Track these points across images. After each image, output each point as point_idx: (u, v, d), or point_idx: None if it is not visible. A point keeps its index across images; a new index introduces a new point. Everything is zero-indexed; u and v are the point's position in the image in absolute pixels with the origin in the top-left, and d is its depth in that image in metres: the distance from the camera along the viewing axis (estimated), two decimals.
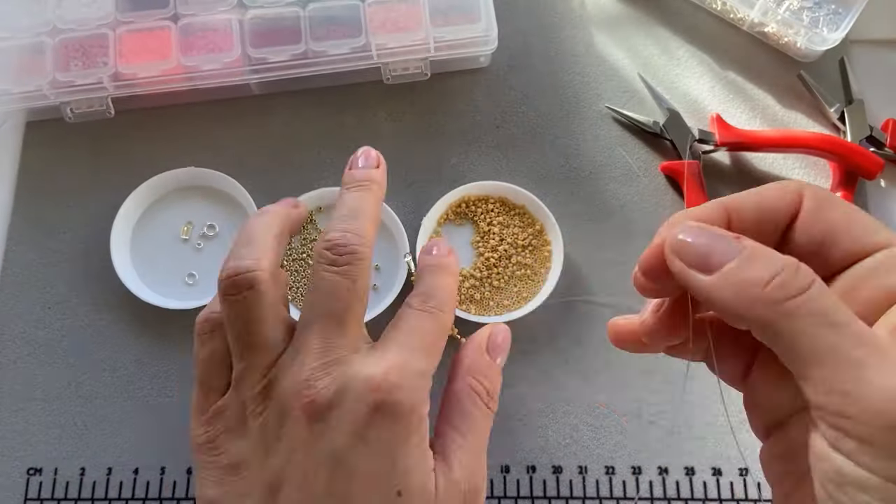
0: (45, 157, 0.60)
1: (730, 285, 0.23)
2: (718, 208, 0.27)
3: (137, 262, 0.57)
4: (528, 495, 0.50)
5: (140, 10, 0.59)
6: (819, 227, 0.26)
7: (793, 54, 0.61)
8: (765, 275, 0.23)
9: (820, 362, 0.22)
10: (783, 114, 0.60)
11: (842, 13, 0.59)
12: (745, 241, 0.24)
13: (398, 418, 0.32)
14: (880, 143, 0.58)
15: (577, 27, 0.63)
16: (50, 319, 0.55)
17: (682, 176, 0.57)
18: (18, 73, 0.57)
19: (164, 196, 0.58)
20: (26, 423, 0.53)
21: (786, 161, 0.59)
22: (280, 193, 0.56)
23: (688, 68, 0.62)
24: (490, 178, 0.57)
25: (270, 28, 0.58)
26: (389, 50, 0.57)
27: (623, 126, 0.60)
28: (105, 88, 0.57)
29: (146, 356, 0.54)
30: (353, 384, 0.32)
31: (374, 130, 0.60)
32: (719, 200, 0.27)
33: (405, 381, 0.33)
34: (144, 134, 0.60)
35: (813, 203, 0.26)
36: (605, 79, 0.61)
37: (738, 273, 0.23)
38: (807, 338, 0.22)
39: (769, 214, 0.26)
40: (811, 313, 0.22)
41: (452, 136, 0.60)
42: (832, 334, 0.22)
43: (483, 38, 0.57)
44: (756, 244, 0.24)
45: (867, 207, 0.57)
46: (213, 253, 0.57)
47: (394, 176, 0.59)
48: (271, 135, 0.60)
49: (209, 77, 0.58)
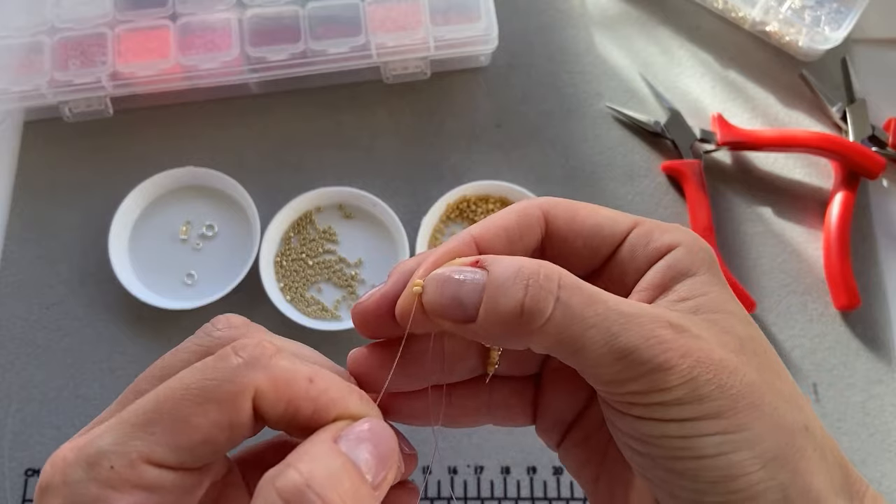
0: (43, 157, 0.60)
1: (492, 325, 0.24)
2: (469, 242, 0.26)
3: (136, 262, 0.56)
4: (528, 496, 0.50)
5: (138, 8, 0.59)
6: (572, 238, 0.27)
7: (794, 53, 0.61)
8: (514, 304, 0.23)
9: (589, 351, 0.23)
10: (785, 113, 0.60)
11: (844, 12, 0.59)
12: (485, 264, 0.24)
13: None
14: (882, 143, 0.57)
15: (577, 26, 0.63)
16: (48, 320, 0.55)
17: (684, 175, 0.57)
18: (16, 72, 0.57)
19: (163, 196, 0.58)
20: (25, 424, 0.53)
21: (787, 161, 0.59)
22: (280, 193, 0.56)
23: (689, 67, 0.62)
24: (490, 178, 0.57)
25: (269, 27, 0.58)
26: (389, 49, 0.57)
27: (624, 126, 0.60)
28: (103, 88, 0.57)
29: (145, 356, 0.54)
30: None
31: (374, 130, 0.60)
32: (468, 233, 0.26)
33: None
34: (143, 133, 0.60)
35: (560, 220, 0.27)
36: (606, 78, 0.61)
37: (492, 312, 0.24)
38: (574, 338, 0.23)
39: (519, 245, 0.27)
40: (568, 320, 0.23)
41: (452, 136, 0.60)
42: (590, 327, 0.23)
43: (483, 38, 0.57)
44: (494, 266, 0.24)
45: (869, 207, 0.57)
46: (212, 253, 0.57)
47: (394, 176, 0.59)
48: (270, 134, 0.60)
49: (208, 76, 0.57)
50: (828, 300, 0.55)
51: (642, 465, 0.25)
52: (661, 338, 0.23)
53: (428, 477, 0.51)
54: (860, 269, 0.55)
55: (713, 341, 0.24)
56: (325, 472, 0.21)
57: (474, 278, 0.24)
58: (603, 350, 0.23)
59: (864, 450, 0.51)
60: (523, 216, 0.27)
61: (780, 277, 0.56)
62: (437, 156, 0.59)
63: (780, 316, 0.55)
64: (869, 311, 0.55)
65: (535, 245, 0.27)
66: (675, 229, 0.27)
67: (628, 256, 0.27)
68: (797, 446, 0.23)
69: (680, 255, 0.26)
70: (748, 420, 0.23)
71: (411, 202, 0.57)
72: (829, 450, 0.24)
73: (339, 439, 0.23)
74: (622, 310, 0.23)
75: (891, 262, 0.56)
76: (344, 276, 0.56)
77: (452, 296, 0.24)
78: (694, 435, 0.23)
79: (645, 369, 0.22)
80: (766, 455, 0.23)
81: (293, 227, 0.57)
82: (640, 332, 0.23)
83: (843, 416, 0.52)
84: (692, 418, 0.23)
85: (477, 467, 0.51)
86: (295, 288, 0.55)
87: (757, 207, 0.58)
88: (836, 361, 0.54)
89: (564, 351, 0.24)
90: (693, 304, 0.25)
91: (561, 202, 0.28)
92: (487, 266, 0.24)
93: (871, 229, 0.57)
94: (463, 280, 0.24)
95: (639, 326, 0.23)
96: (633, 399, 0.23)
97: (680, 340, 0.23)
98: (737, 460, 0.23)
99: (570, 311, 0.23)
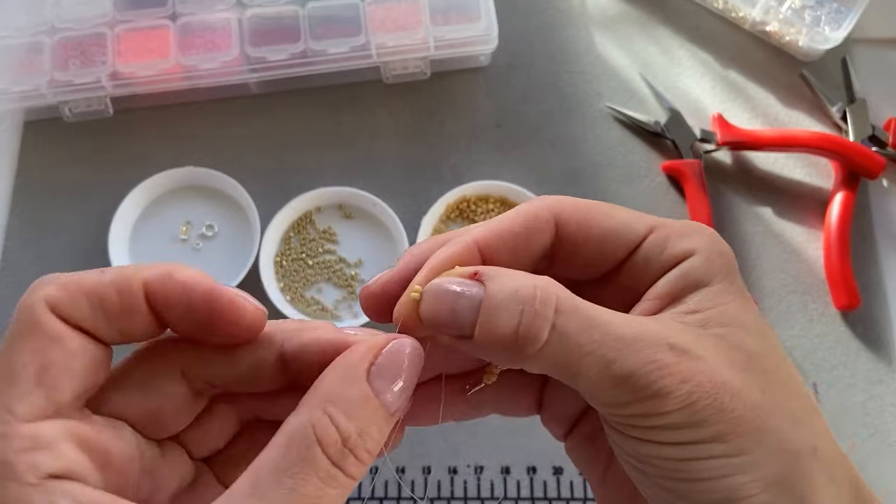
0: (43, 157, 0.60)
1: (489, 346, 0.23)
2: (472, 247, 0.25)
3: (136, 262, 0.56)
4: (528, 496, 0.50)
5: (138, 8, 0.59)
6: (585, 243, 0.26)
7: (794, 53, 0.61)
8: (510, 329, 0.23)
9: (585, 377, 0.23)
10: (785, 113, 0.60)
11: (844, 12, 0.59)
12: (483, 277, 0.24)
13: None
14: (882, 143, 0.57)
15: (577, 26, 0.63)
16: None
17: (684, 175, 0.57)
18: (16, 72, 0.57)
19: (163, 196, 0.58)
20: None
21: (787, 161, 0.59)
22: (280, 193, 0.56)
23: (689, 67, 0.62)
24: (490, 178, 0.57)
25: (269, 27, 0.58)
26: (389, 49, 0.57)
27: (624, 126, 0.60)
28: (103, 87, 0.57)
29: None
30: None
31: (374, 130, 0.60)
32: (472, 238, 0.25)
33: None
34: (143, 133, 0.60)
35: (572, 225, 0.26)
36: (606, 78, 0.61)
37: (488, 331, 0.23)
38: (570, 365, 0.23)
39: (524, 252, 0.26)
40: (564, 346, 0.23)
41: (452, 136, 0.60)
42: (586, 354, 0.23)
43: (483, 38, 0.57)
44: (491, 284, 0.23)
45: (869, 207, 0.57)
46: (212, 253, 0.57)
47: (394, 176, 0.59)
48: (270, 134, 0.60)
49: (208, 76, 0.57)
50: (828, 300, 0.55)
51: (642, 482, 0.25)
52: (659, 363, 0.22)
53: (428, 477, 0.51)
54: (860, 269, 0.55)
55: (718, 360, 0.23)
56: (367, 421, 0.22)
57: (471, 293, 0.23)
58: (599, 376, 0.23)
59: (864, 450, 0.51)
60: (531, 219, 0.26)
61: (780, 277, 0.56)
62: (437, 156, 0.59)
63: (780, 316, 0.55)
64: (869, 311, 0.55)
65: (543, 251, 0.26)
66: (695, 232, 0.26)
67: (642, 263, 0.26)
68: (803, 470, 0.23)
69: (696, 263, 0.25)
70: (750, 444, 0.22)
71: (411, 202, 0.57)
72: (839, 470, 0.24)
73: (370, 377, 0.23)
74: (620, 333, 0.23)
75: (891, 262, 0.56)
76: (344, 276, 0.56)
77: (449, 310, 0.24)
78: (693, 458, 0.22)
79: (642, 395, 0.22)
80: (769, 479, 0.22)
81: (293, 227, 0.57)
82: (638, 358, 0.22)
83: (843, 416, 0.52)
84: (690, 442, 0.22)
85: (477, 467, 0.51)
86: (295, 288, 0.55)
87: (757, 207, 0.58)
88: (837, 361, 0.54)
89: (561, 376, 0.23)
90: (702, 317, 0.24)
91: (573, 202, 0.26)
92: (486, 281, 0.24)
93: (871, 229, 0.57)
94: (460, 294, 0.23)
95: (636, 352, 0.22)
96: (631, 421, 0.23)
97: (679, 365, 0.22)
98: (738, 483, 0.22)
99: (566, 339, 0.23)
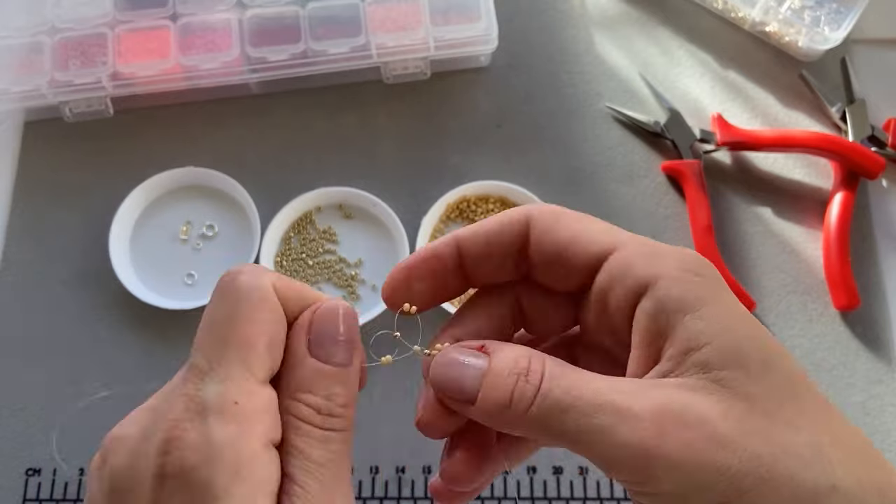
0: (43, 157, 0.60)
1: (489, 411, 0.25)
2: (451, 243, 0.28)
3: (136, 262, 0.56)
4: (528, 496, 0.50)
5: (139, 9, 0.59)
6: (549, 247, 0.27)
7: (794, 54, 0.61)
8: (505, 394, 0.24)
9: (579, 441, 0.23)
10: (784, 113, 0.60)
11: (843, 12, 0.59)
12: (489, 350, 0.26)
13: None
14: (882, 143, 0.58)
15: (577, 26, 0.63)
16: (48, 320, 0.55)
17: (684, 176, 0.57)
18: (17, 72, 0.57)
19: (163, 196, 0.58)
20: (26, 424, 0.53)
21: (787, 161, 0.59)
22: (280, 193, 0.56)
23: (689, 67, 0.62)
24: (490, 178, 0.57)
25: (270, 27, 0.58)
26: (389, 49, 0.57)
27: (624, 126, 0.60)
28: (104, 88, 0.57)
29: (145, 356, 0.54)
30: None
31: (374, 130, 0.60)
32: (453, 234, 0.28)
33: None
34: (143, 134, 0.60)
35: (540, 226, 0.27)
36: (606, 78, 0.61)
37: (488, 399, 0.25)
38: (564, 430, 0.23)
39: (497, 248, 0.28)
40: (553, 410, 0.24)
41: (452, 136, 0.60)
42: (563, 420, 0.23)
43: (483, 38, 0.57)
44: (497, 353, 0.26)
45: (869, 207, 0.57)
46: (212, 253, 0.57)
47: (394, 176, 0.59)
48: (270, 134, 0.60)
49: (208, 76, 0.57)
50: (828, 300, 0.55)
51: None
52: (644, 444, 0.22)
53: (428, 477, 0.51)
54: (860, 269, 0.55)
55: (714, 413, 0.22)
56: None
57: (477, 364, 0.26)
58: (588, 449, 0.23)
59: None
60: (506, 222, 0.28)
61: (780, 277, 0.56)
62: (437, 156, 0.59)
63: (780, 316, 0.55)
64: (869, 311, 0.55)
65: (515, 245, 0.27)
66: (659, 254, 0.25)
67: (606, 285, 0.26)
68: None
69: (664, 290, 0.24)
70: (756, 498, 0.22)
71: (411, 202, 0.57)
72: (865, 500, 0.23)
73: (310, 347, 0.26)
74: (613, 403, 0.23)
75: (891, 262, 0.56)
76: (344, 276, 0.56)
77: (456, 378, 0.26)
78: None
79: (632, 476, 0.23)
80: None
81: (293, 227, 0.57)
82: (620, 438, 0.22)
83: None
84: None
85: None
86: None
87: (757, 207, 0.58)
88: (836, 361, 0.54)
89: (552, 443, 0.24)
90: (699, 358, 0.23)
91: (547, 207, 0.28)
92: (490, 353, 0.26)
93: (871, 229, 0.57)
94: (467, 365, 0.26)
95: (621, 429, 0.22)
96: (629, 486, 0.23)
97: (665, 446, 0.22)
98: None
99: (552, 402, 0.24)
